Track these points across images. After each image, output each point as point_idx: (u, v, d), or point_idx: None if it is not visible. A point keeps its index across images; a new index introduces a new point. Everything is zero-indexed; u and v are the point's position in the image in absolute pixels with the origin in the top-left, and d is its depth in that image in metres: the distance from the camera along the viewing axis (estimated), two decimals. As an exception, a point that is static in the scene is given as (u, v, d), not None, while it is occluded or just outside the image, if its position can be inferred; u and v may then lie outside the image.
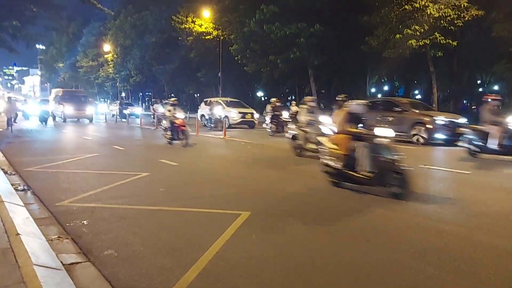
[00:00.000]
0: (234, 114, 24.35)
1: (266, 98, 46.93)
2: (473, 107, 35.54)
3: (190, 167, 10.58)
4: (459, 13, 22.25)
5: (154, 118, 26.70)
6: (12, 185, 7.46)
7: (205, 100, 29.23)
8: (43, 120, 26.06)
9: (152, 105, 32.66)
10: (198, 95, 56.01)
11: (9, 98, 21.34)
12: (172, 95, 53.32)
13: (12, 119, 20.42)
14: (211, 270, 3.99)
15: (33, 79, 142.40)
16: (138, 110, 41.40)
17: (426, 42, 23.03)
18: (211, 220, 5.66)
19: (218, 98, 29.00)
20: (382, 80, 40.40)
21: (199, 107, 30.07)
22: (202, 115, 27.38)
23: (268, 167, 10.58)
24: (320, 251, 4.55)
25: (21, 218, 5.26)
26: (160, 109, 24.67)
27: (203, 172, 9.72)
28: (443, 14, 22.19)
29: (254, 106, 32.19)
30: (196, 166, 10.82)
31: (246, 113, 25.27)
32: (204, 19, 41.21)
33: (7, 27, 21.15)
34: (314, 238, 4.96)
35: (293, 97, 46.73)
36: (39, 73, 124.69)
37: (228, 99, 28.65)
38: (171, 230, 5.21)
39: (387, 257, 4.35)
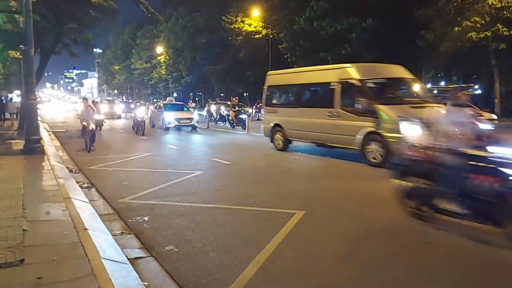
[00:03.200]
0: None
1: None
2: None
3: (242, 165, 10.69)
4: (524, 2, 20.87)
5: None
6: (77, 182, 7.89)
7: None
8: None
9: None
10: (247, 94, 56.48)
11: (84, 99, 15.30)
12: (222, 94, 54.19)
13: (90, 132, 13.14)
14: (268, 268, 4.00)
15: (91, 81, 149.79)
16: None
17: (488, 34, 21.77)
18: (266, 219, 5.68)
19: None
20: (439, 75, 38.72)
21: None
22: None
23: None
24: (379, 253, 4.44)
25: (87, 214, 5.55)
26: None
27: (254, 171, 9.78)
28: (506, 4, 20.88)
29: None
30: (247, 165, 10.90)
31: None
32: (253, 18, 41.43)
33: (69, 32, 22.36)
34: (372, 240, 4.85)
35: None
36: (96, 75, 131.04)
37: None
38: (228, 227, 5.29)
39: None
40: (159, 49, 60.57)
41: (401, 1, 27.07)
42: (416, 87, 11.39)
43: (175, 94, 70.23)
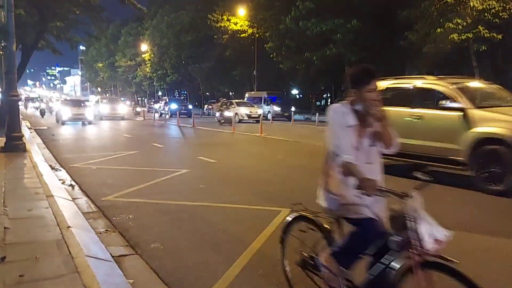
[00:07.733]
0: None
1: (301, 95, 46.72)
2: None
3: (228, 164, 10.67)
4: (504, 4, 21.28)
5: None
6: (60, 180, 7.76)
7: None
8: None
9: None
10: (233, 93, 56.49)
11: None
12: (207, 93, 54.07)
13: None
14: (254, 265, 4.01)
15: (74, 79, 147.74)
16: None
17: (469, 36, 22.18)
18: (252, 216, 5.68)
19: None
20: (421, 76, 39.33)
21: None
22: None
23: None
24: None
25: (71, 212, 5.46)
26: None
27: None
28: (487, 7, 21.29)
29: (289, 103, 32.35)
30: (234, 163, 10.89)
31: None
32: (240, 17, 41.43)
33: (52, 29, 21.95)
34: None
35: (329, 94, 46.28)
36: (79, 73, 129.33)
37: None
38: (214, 225, 5.28)
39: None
40: (144, 46, 60.09)
41: (385, 3, 27.41)
42: None
43: (159, 93, 69.79)
